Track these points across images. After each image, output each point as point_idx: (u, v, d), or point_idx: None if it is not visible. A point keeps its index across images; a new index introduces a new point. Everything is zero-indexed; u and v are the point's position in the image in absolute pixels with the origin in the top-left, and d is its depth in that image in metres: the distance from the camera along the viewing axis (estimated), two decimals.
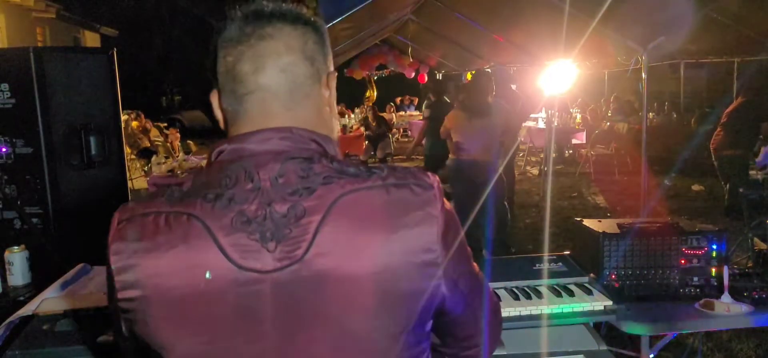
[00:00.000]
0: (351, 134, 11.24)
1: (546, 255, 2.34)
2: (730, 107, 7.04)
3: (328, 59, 0.98)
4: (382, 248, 0.84)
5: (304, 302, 0.83)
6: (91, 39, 13.34)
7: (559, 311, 2.02)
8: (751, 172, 7.37)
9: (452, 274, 0.91)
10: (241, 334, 0.84)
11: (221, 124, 0.97)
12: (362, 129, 11.68)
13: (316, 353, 0.85)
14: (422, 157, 8.16)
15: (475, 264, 1.01)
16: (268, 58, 0.90)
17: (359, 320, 0.85)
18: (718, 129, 7.01)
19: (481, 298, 1.01)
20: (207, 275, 0.82)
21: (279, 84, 0.91)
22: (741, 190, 5.25)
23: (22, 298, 2.27)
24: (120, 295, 0.86)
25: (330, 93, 0.98)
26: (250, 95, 0.91)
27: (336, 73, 1.00)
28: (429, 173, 0.92)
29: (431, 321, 0.94)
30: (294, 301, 0.83)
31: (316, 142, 0.91)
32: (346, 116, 14.46)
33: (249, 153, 0.88)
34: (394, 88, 18.82)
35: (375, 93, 16.31)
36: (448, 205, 0.92)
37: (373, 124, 11.50)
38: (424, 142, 7.33)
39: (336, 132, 1.01)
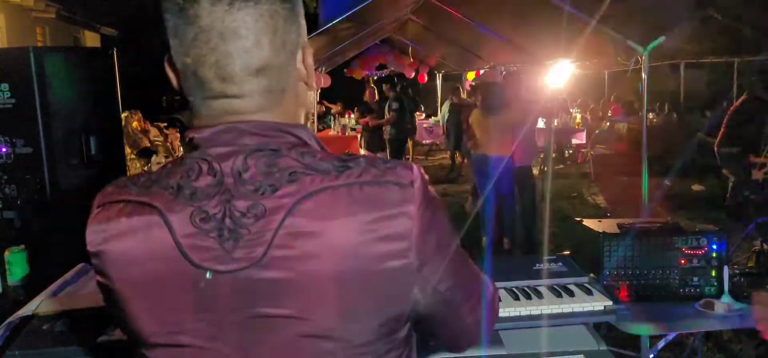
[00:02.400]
0: (349, 135, 11.19)
1: (546, 255, 2.34)
2: (734, 105, 7.02)
3: (302, 30, 0.88)
4: (347, 251, 0.77)
5: (262, 304, 0.79)
6: (91, 39, 13.33)
7: (559, 311, 2.01)
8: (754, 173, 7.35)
9: (432, 279, 0.84)
10: (202, 334, 0.81)
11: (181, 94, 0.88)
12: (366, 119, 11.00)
13: (275, 353, 0.81)
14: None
15: (471, 265, 0.94)
16: (235, 61, 0.80)
17: (320, 326, 0.79)
18: (722, 127, 6.99)
19: (472, 302, 0.94)
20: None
21: (251, 90, 0.82)
22: (746, 193, 5.27)
23: (21, 298, 2.27)
24: (97, 278, 0.86)
25: (307, 69, 0.88)
26: (215, 100, 0.83)
27: (311, 49, 0.89)
28: (414, 167, 0.83)
29: (406, 328, 0.87)
30: (251, 303, 0.79)
31: (289, 133, 0.83)
32: (347, 116, 14.46)
33: (212, 143, 0.82)
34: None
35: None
36: (434, 201, 0.84)
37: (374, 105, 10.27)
38: (390, 130, 9.15)
39: (311, 106, 0.95)
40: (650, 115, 10.42)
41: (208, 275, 0.80)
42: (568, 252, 2.43)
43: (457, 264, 0.89)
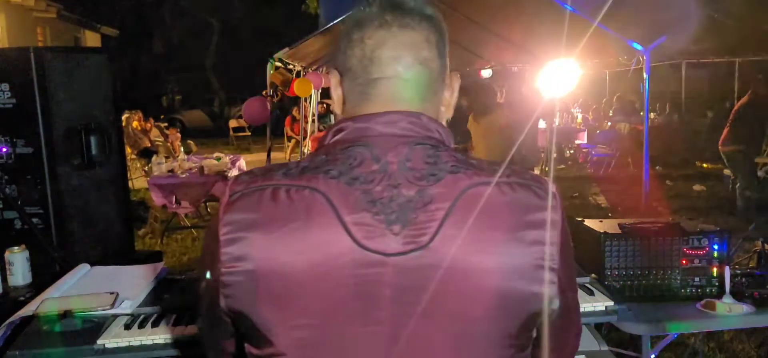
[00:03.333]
0: None
1: None
2: (739, 103, 6.99)
3: (448, 59, 0.99)
4: (506, 245, 0.83)
5: (425, 289, 0.81)
6: (91, 39, 13.33)
7: None
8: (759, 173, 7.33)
9: (563, 283, 0.90)
10: (357, 317, 0.82)
11: (335, 106, 0.96)
12: None
13: (432, 343, 0.83)
14: None
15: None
16: (410, 49, 0.91)
17: (478, 315, 0.83)
18: (726, 126, 6.96)
19: (572, 319, 0.99)
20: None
21: (416, 75, 0.91)
22: (748, 194, 5.25)
23: (22, 298, 2.26)
24: (225, 267, 0.83)
25: (451, 93, 0.99)
26: (385, 80, 0.90)
27: (458, 75, 1.01)
28: (546, 179, 0.91)
29: (536, 328, 0.92)
30: (414, 287, 0.81)
31: (440, 134, 0.90)
32: None
33: (375, 133, 0.87)
34: None
35: None
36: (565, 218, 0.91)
37: None
38: None
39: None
40: (652, 115, 10.43)
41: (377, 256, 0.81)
42: None
43: (575, 281, 0.98)
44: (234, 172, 6.69)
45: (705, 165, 10.36)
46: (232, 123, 17.86)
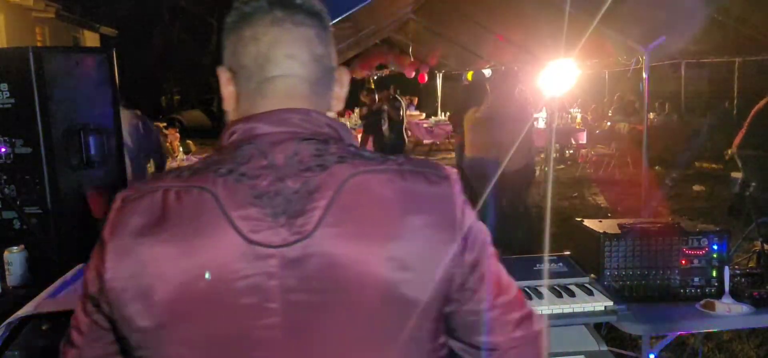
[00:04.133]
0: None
1: (546, 255, 2.33)
2: (757, 107, 6.93)
3: (335, 54, 0.99)
4: (391, 233, 0.81)
5: (313, 280, 0.81)
6: (90, 39, 13.32)
7: (560, 311, 2.01)
8: None
9: (470, 265, 0.87)
10: (249, 312, 0.81)
11: (226, 104, 0.95)
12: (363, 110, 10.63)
13: (326, 332, 0.83)
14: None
15: (501, 268, 0.94)
16: (305, 45, 0.91)
17: (374, 307, 0.82)
18: (743, 128, 6.91)
19: (502, 305, 0.92)
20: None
21: (310, 72, 0.91)
22: (747, 193, 5.19)
23: (21, 298, 2.26)
24: (110, 274, 0.82)
25: (340, 87, 0.99)
26: (280, 78, 0.90)
27: (347, 69, 1.00)
28: (448, 167, 0.90)
29: (445, 315, 0.89)
30: (303, 278, 0.81)
31: (332, 127, 0.90)
32: (347, 116, 14.45)
33: (265, 132, 0.86)
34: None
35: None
36: (465, 198, 0.89)
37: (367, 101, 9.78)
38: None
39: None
40: (651, 115, 10.43)
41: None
42: (569, 252, 2.43)
43: (493, 266, 0.92)
44: None
45: (705, 165, 10.37)
46: None
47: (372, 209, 0.82)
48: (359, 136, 10.65)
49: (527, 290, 2.13)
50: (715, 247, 2.22)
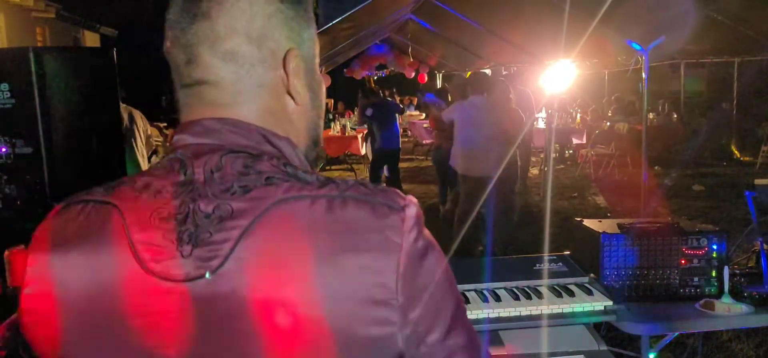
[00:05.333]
0: (350, 135, 11.18)
1: (546, 255, 2.34)
2: None
3: (297, 31, 0.79)
4: (317, 271, 0.65)
5: (214, 323, 0.67)
6: (90, 39, 13.31)
7: (559, 311, 2.01)
8: None
9: (417, 326, 0.68)
10: (144, 355, 0.69)
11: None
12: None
13: None
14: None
15: (467, 322, 0.75)
16: (202, 45, 0.74)
17: (283, 356, 0.67)
18: None
19: None
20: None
21: (219, 76, 0.74)
22: (755, 195, 5.16)
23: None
24: (26, 289, 0.74)
25: (291, 76, 0.77)
26: (187, 89, 0.77)
27: (296, 52, 0.78)
28: (409, 197, 0.71)
29: None
30: (206, 322, 0.67)
31: (270, 143, 0.74)
32: (347, 116, 14.45)
33: (187, 143, 0.74)
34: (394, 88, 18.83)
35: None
36: (427, 238, 0.70)
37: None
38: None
39: (309, 130, 0.82)
40: (650, 115, 10.44)
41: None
42: (568, 252, 2.43)
43: (457, 320, 0.73)
44: None
45: (704, 165, 10.38)
46: None
47: (294, 243, 0.66)
48: (360, 136, 10.68)
49: (527, 289, 2.14)
50: (715, 247, 2.23)
